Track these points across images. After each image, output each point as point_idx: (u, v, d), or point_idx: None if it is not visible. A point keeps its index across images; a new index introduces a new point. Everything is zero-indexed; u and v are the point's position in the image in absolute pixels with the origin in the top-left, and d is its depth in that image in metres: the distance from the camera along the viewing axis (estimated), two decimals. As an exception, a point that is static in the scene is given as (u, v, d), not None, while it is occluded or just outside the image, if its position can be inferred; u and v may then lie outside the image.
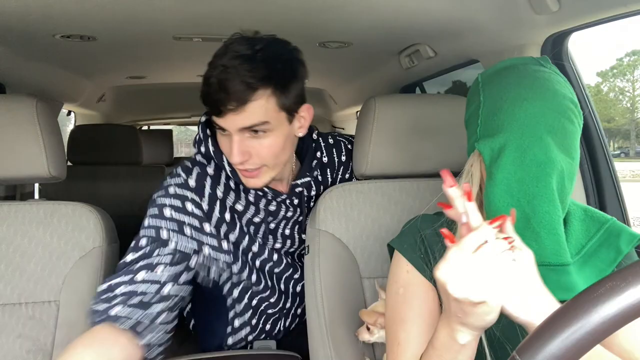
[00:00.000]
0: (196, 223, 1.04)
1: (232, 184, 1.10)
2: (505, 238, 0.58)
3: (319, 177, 1.20)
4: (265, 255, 1.17)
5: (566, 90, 0.75)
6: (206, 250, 1.05)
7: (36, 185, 2.25)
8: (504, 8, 1.10)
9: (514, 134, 0.72)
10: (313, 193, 1.19)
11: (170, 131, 3.64)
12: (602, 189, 1.22)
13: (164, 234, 1.00)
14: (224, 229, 1.09)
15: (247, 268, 1.15)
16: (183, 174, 1.06)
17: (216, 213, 1.07)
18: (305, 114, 1.03)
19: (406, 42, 1.54)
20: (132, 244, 1.01)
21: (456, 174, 0.85)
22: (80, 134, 2.35)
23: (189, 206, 1.03)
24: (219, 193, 1.07)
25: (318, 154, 1.18)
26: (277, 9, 1.18)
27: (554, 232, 0.69)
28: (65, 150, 1.72)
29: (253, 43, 0.94)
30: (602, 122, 1.69)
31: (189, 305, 1.30)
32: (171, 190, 1.05)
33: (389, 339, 0.82)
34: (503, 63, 0.80)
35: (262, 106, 0.93)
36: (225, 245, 1.09)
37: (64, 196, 1.22)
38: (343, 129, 3.45)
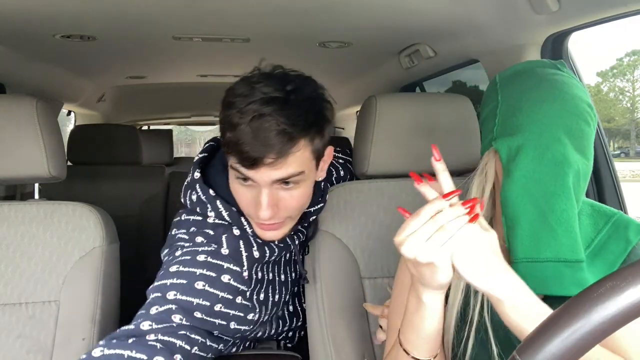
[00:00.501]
0: (230, 297, 0.91)
1: (236, 232, 0.96)
2: (467, 208, 0.63)
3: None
4: (276, 298, 1.06)
5: (583, 93, 0.78)
6: (232, 325, 0.93)
7: (36, 185, 2.25)
8: (504, 8, 1.10)
9: (532, 133, 0.74)
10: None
11: (170, 131, 3.63)
12: (602, 189, 1.22)
13: (196, 314, 0.86)
14: (256, 290, 0.98)
15: (261, 319, 1.02)
16: (213, 243, 0.92)
17: (253, 275, 0.95)
18: (327, 157, 0.94)
19: (406, 42, 1.54)
20: (153, 312, 0.84)
21: (458, 173, 0.86)
22: (80, 134, 2.35)
23: (226, 278, 0.90)
24: (255, 253, 0.95)
25: (323, 184, 1.10)
26: (277, 9, 1.18)
27: (571, 229, 0.72)
28: (65, 150, 1.72)
29: (281, 82, 0.83)
30: (602, 122, 1.69)
31: None
32: (201, 258, 0.90)
33: (389, 327, 0.86)
34: (520, 65, 0.83)
35: (300, 157, 0.84)
36: (252, 317, 0.97)
37: (64, 196, 1.22)
38: (343, 128, 3.46)
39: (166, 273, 0.89)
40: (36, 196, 2.24)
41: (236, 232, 0.94)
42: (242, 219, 0.93)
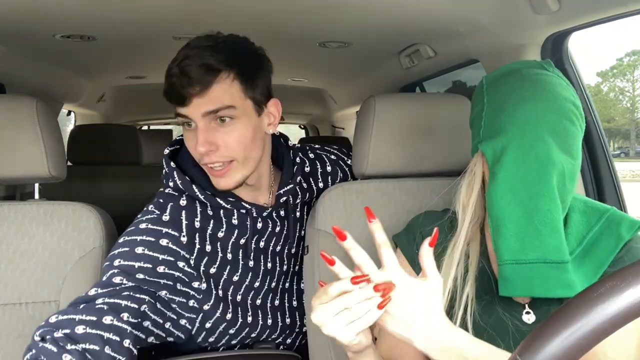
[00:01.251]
0: (171, 259, 0.97)
1: (209, 212, 1.03)
2: (378, 290, 0.64)
3: (304, 185, 1.17)
4: (247, 282, 1.08)
5: (568, 93, 0.77)
6: (178, 286, 0.98)
7: (36, 185, 2.25)
8: (504, 8, 1.11)
9: (516, 134, 0.74)
10: (298, 201, 1.16)
11: (170, 131, 3.64)
12: (602, 189, 1.22)
13: (138, 276, 0.93)
14: (204, 261, 1.01)
15: (222, 305, 1.04)
16: (156, 211, 1.00)
17: (197, 245, 1.00)
18: (274, 110, 1.02)
19: (406, 42, 1.54)
20: (101, 279, 0.93)
21: (457, 173, 0.86)
22: (80, 134, 2.35)
23: (164, 242, 0.97)
24: (197, 223, 1.01)
25: (297, 159, 1.15)
26: (277, 9, 1.18)
27: (555, 230, 0.71)
28: (65, 150, 1.72)
29: (215, 37, 0.95)
30: (602, 122, 1.69)
31: None
32: (142, 225, 0.98)
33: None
34: (507, 67, 0.83)
35: (225, 90, 0.92)
36: (198, 285, 1.00)
37: (64, 196, 1.22)
38: (343, 128, 3.46)
39: (116, 245, 0.98)
40: (36, 196, 2.24)
41: (182, 202, 1.02)
42: (194, 187, 1.00)
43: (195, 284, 1.00)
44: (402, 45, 1.58)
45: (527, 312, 0.79)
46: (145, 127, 4.15)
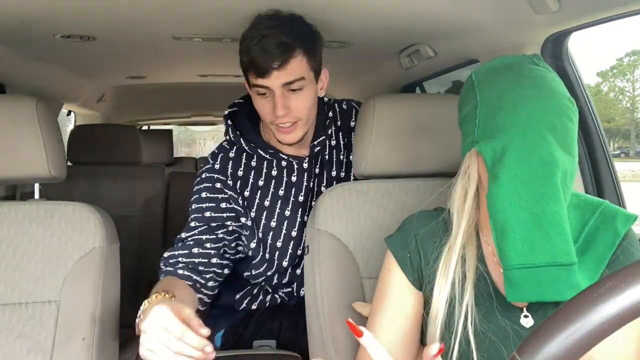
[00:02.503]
0: (226, 196, 1.23)
1: (252, 163, 1.26)
2: None
3: (333, 142, 1.31)
4: (285, 230, 1.26)
5: (563, 88, 0.76)
6: (237, 218, 1.24)
7: (36, 185, 2.25)
8: (504, 8, 1.10)
9: (517, 134, 0.71)
10: (327, 158, 1.30)
11: (170, 131, 3.63)
12: (602, 189, 1.22)
13: (206, 214, 1.20)
14: (247, 204, 1.25)
15: (261, 247, 1.26)
16: (211, 160, 1.26)
17: (238, 189, 1.24)
18: (324, 77, 1.23)
19: (406, 42, 1.54)
20: (186, 225, 1.22)
21: (457, 173, 0.86)
22: (80, 134, 2.35)
23: (218, 185, 1.23)
24: (240, 172, 1.25)
25: (330, 113, 1.31)
26: (277, 9, 1.18)
27: (563, 232, 0.69)
28: (65, 150, 1.72)
29: (278, 17, 1.12)
30: (602, 122, 1.69)
31: None
32: (203, 175, 1.25)
33: (367, 326, 0.87)
34: (497, 62, 0.80)
35: (298, 64, 1.10)
36: (245, 220, 1.24)
37: (64, 196, 1.22)
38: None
39: (191, 194, 1.25)
40: (36, 196, 2.24)
41: (231, 154, 1.27)
42: (242, 140, 1.24)
43: (243, 219, 1.24)
44: (402, 45, 1.58)
45: (526, 316, 0.78)
46: (145, 127, 4.15)
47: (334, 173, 1.30)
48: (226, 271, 1.22)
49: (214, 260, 1.18)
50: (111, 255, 1.13)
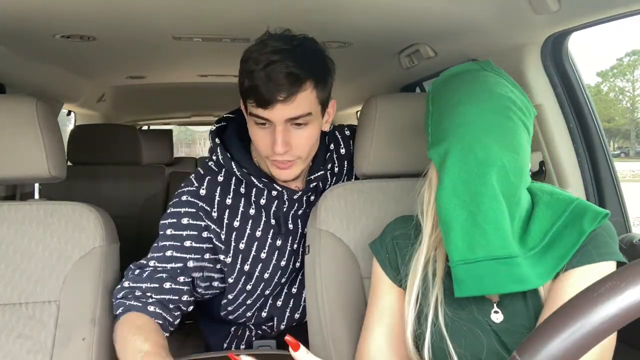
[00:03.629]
0: (209, 228, 1.12)
1: (242, 190, 1.13)
2: None
3: (335, 169, 1.23)
4: (274, 261, 1.17)
5: (505, 90, 0.79)
6: (219, 256, 1.13)
7: (36, 185, 2.24)
8: (504, 8, 1.10)
9: (455, 137, 0.76)
10: (329, 186, 1.21)
11: (170, 131, 3.63)
12: (602, 189, 1.22)
13: (186, 243, 1.09)
14: (234, 236, 1.13)
15: (242, 279, 1.17)
16: (195, 183, 1.13)
17: (226, 220, 1.12)
18: (331, 109, 1.10)
19: (406, 42, 1.54)
20: (158, 249, 1.10)
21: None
22: (80, 134, 2.35)
23: (201, 214, 1.11)
24: (229, 200, 1.12)
25: (332, 146, 1.21)
26: (277, 9, 1.18)
27: (499, 227, 0.73)
28: (66, 150, 1.72)
29: (289, 39, 0.99)
30: (602, 122, 1.69)
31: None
32: (184, 198, 1.12)
33: (362, 328, 0.93)
34: (449, 71, 0.85)
35: (307, 97, 0.98)
36: (223, 258, 1.14)
37: (64, 196, 1.22)
38: (343, 129, 3.45)
39: (164, 216, 1.13)
40: (36, 196, 2.24)
41: (220, 178, 1.13)
42: (233, 164, 1.10)
43: (221, 257, 1.13)
44: (402, 45, 1.58)
45: (496, 312, 0.80)
46: (145, 127, 4.15)
47: None
48: (190, 308, 1.12)
49: (185, 297, 1.09)
50: (111, 255, 1.13)
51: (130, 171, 2.31)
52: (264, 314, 1.23)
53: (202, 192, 1.11)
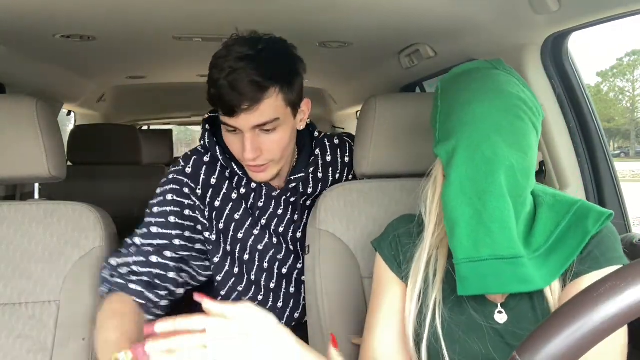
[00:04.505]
0: (192, 205, 1.12)
1: (227, 174, 1.15)
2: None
3: (319, 175, 1.20)
4: (251, 243, 1.17)
5: (516, 89, 0.78)
6: (204, 234, 1.14)
7: (36, 185, 2.25)
8: (504, 8, 1.10)
9: (464, 134, 0.75)
10: (310, 191, 1.20)
11: (170, 131, 3.64)
12: (602, 189, 1.22)
13: (170, 219, 1.09)
14: (214, 215, 1.14)
15: (229, 260, 1.17)
16: (182, 162, 1.14)
17: (208, 199, 1.13)
18: (305, 108, 1.09)
19: (406, 42, 1.54)
20: (144, 229, 1.10)
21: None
22: (80, 134, 2.35)
23: (186, 190, 1.12)
24: (213, 180, 1.13)
25: (317, 151, 1.19)
26: (277, 9, 1.18)
27: (505, 226, 0.72)
28: (65, 150, 1.72)
29: (254, 43, 0.97)
30: (602, 122, 1.69)
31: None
32: (170, 176, 1.13)
33: (365, 325, 0.91)
34: (459, 69, 0.84)
35: (272, 104, 0.98)
36: (208, 235, 1.15)
37: (64, 196, 1.22)
38: (343, 128, 3.46)
39: (154, 196, 1.13)
40: (36, 196, 2.24)
41: (206, 159, 1.14)
42: (217, 149, 1.11)
43: (206, 234, 1.14)
44: (402, 45, 1.58)
45: (500, 312, 0.80)
46: (145, 127, 4.15)
47: (309, 203, 1.23)
48: (180, 291, 1.11)
49: (171, 274, 1.07)
50: (111, 255, 1.13)
51: (130, 171, 2.31)
52: (269, 299, 1.22)
53: (188, 169, 1.13)
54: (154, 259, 1.05)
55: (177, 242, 1.09)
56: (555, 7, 0.99)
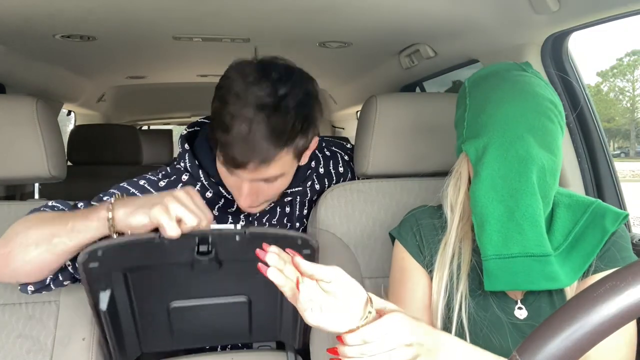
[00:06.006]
0: None
1: (207, 195, 1.03)
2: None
3: (316, 186, 1.18)
4: None
5: (546, 92, 0.80)
6: None
7: (36, 185, 2.25)
8: (504, 8, 1.10)
9: (496, 133, 0.76)
10: (307, 199, 1.18)
11: (170, 131, 3.63)
12: (602, 189, 1.22)
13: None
14: None
15: None
16: (157, 176, 1.03)
17: None
18: (313, 145, 0.99)
19: (406, 42, 1.54)
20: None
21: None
22: (80, 134, 2.35)
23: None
24: (208, 194, 1.04)
25: (313, 163, 1.14)
26: (277, 9, 1.18)
27: (536, 224, 0.74)
28: (65, 150, 1.72)
29: (275, 86, 0.86)
30: (602, 122, 1.69)
31: None
32: (141, 182, 1.02)
33: None
34: (488, 69, 0.86)
35: (283, 160, 0.90)
36: None
37: (64, 196, 1.22)
38: (343, 128, 3.45)
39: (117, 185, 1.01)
40: (36, 196, 2.24)
41: (184, 177, 1.03)
42: (201, 173, 1.00)
43: None
44: (402, 45, 1.58)
45: (520, 308, 0.81)
46: (145, 127, 4.15)
47: (305, 211, 1.19)
48: None
49: None
50: (111, 255, 1.13)
51: (130, 171, 2.30)
52: None
53: (162, 184, 1.02)
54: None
55: None
56: (555, 7, 0.99)
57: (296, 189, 1.09)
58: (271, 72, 0.88)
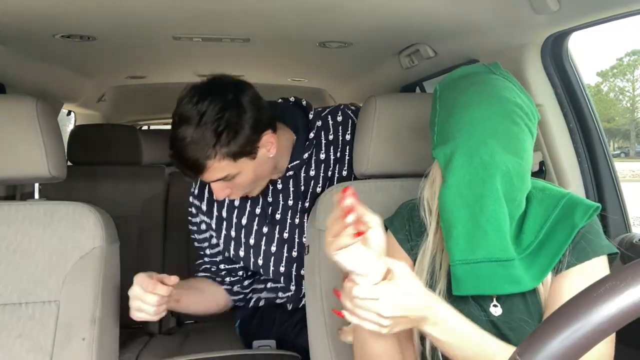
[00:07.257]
0: (201, 221, 1.30)
1: None
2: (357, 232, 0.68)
3: (322, 156, 1.24)
4: (264, 247, 1.25)
5: (512, 94, 0.80)
6: (217, 240, 1.30)
7: (36, 185, 2.24)
8: (504, 8, 1.10)
9: (462, 139, 0.77)
10: (313, 173, 1.23)
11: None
12: (602, 189, 1.22)
13: (195, 236, 1.33)
14: (224, 225, 1.26)
15: (243, 254, 1.28)
16: (193, 183, 1.29)
17: (214, 212, 1.26)
18: (267, 140, 1.10)
19: (406, 42, 1.54)
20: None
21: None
22: (80, 134, 2.35)
23: (194, 210, 1.30)
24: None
25: (315, 132, 1.23)
26: (277, 9, 1.18)
27: (500, 229, 0.74)
28: (65, 150, 1.72)
29: (198, 105, 1.02)
30: (602, 122, 1.69)
31: None
32: (190, 199, 1.31)
33: None
34: (458, 72, 0.86)
35: (217, 167, 1.05)
36: (216, 242, 1.30)
37: (64, 196, 1.22)
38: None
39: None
40: (36, 196, 2.24)
41: None
42: None
43: (214, 241, 1.31)
44: (402, 45, 1.58)
45: (495, 305, 0.82)
46: (145, 127, 4.15)
47: (319, 189, 1.25)
48: (240, 272, 1.31)
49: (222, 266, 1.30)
50: (111, 255, 1.13)
51: (130, 171, 2.31)
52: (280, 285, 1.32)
53: (196, 191, 1.28)
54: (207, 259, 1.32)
55: (208, 251, 1.32)
56: (555, 7, 0.99)
57: (295, 163, 1.20)
58: (198, 91, 1.05)
